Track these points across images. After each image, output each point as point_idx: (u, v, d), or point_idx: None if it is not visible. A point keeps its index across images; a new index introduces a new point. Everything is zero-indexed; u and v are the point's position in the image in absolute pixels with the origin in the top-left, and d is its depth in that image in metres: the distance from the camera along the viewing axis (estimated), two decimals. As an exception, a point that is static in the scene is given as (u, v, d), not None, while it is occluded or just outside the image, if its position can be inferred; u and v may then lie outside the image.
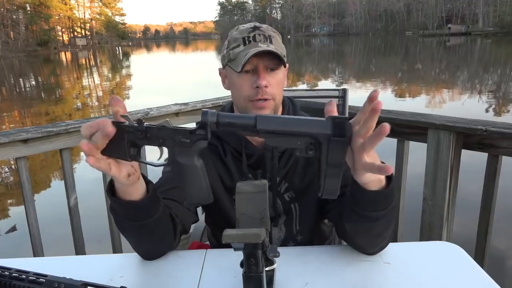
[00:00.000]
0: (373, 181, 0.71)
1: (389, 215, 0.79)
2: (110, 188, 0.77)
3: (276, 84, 0.97)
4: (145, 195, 0.77)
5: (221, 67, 1.07)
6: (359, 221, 0.80)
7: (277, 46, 0.97)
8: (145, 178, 0.79)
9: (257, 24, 1.00)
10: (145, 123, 0.65)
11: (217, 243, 1.14)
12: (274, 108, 0.99)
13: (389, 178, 0.75)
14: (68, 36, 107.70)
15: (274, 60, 0.95)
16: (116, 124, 0.65)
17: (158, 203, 0.82)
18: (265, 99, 0.95)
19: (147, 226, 0.81)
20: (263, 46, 0.94)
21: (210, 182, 1.02)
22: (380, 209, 0.76)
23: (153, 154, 0.74)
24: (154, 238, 0.86)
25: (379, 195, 0.74)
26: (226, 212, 1.04)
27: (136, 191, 0.76)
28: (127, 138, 0.65)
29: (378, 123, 0.60)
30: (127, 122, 0.65)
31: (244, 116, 0.63)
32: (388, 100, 9.96)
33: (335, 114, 0.64)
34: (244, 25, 1.02)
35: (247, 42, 0.96)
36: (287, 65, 1.05)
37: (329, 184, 0.62)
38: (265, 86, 0.94)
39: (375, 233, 0.84)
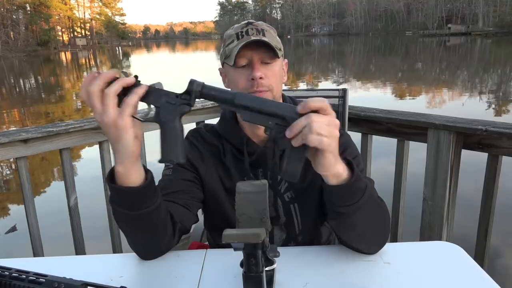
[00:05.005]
0: (328, 172, 0.74)
1: (364, 211, 0.80)
2: (110, 177, 0.78)
3: (272, 75, 0.97)
4: (144, 182, 0.78)
5: (220, 67, 1.07)
6: (335, 218, 0.83)
7: (271, 39, 0.97)
8: (144, 167, 0.80)
9: (251, 20, 1.02)
10: (140, 81, 0.71)
11: (216, 245, 1.14)
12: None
13: (352, 173, 0.77)
14: (68, 36, 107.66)
15: (268, 52, 0.96)
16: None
17: (156, 193, 0.82)
18: (262, 91, 0.96)
19: (146, 217, 0.81)
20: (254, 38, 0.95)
21: (211, 184, 1.03)
22: (348, 204, 0.78)
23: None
24: (150, 231, 0.85)
25: (341, 189, 0.76)
26: (226, 214, 1.04)
27: (135, 173, 0.77)
28: (121, 91, 0.71)
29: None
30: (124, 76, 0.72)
31: (226, 91, 0.72)
32: (388, 100, 9.96)
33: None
34: (239, 24, 1.03)
35: (240, 37, 0.97)
36: (285, 60, 1.06)
37: (290, 165, 0.70)
38: (260, 78, 0.95)
39: (358, 231, 0.85)
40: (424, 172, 1.75)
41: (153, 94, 0.71)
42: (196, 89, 0.70)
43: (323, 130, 0.67)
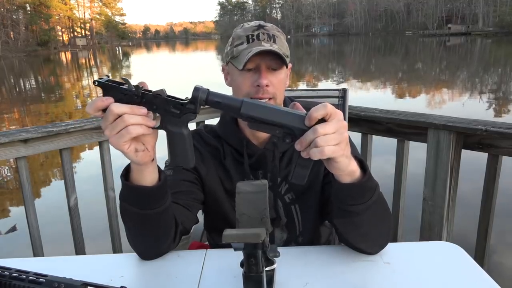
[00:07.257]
0: (343, 173, 0.74)
1: (372, 211, 0.80)
2: (125, 174, 0.79)
3: (278, 83, 0.97)
4: (157, 183, 0.79)
5: (223, 63, 1.07)
6: (343, 216, 0.83)
7: (281, 46, 0.97)
8: (158, 167, 0.80)
9: (262, 23, 1.00)
10: (142, 89, 0.70)
11: (216, 245, 1.14)
12: None
13: (364, 172, 0.77)
14: (68, 36, 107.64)
15: (276, 60, 0.95)
16: (115, 86, 0.69)
17: (167, 194, 0.83)
18: (265, 98, 0.95)
19: (152, 217, 0.81)
20: (266, 46, 0.94)
21: (211, 185, 1.03)
22: (358, 203, 0.78)
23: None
24: (156, 232, 0.86)
25: (353, 188, 0.76)
26: (226, 216, 1.04)
27: (149, 175, 0.77)
28: (125, 100, 0.69)
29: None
30: (127, 85, 0.70)
31: (232, 98, 0.69)
32: (388, 100, 9.96)
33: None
34: (249, 23, 1.01)
35: (250, 40, 0.96)
36: (290, 64, 1.05)
37: (299, 171, 0.70)
38: (266, 85, 0.94)
39: (364, 231, 0.85)
40: (424, 172, 1.75)
41: (158, 102, 0.70)
42: (201, 97, 0.68)
43: (331, 141, 0.66)
